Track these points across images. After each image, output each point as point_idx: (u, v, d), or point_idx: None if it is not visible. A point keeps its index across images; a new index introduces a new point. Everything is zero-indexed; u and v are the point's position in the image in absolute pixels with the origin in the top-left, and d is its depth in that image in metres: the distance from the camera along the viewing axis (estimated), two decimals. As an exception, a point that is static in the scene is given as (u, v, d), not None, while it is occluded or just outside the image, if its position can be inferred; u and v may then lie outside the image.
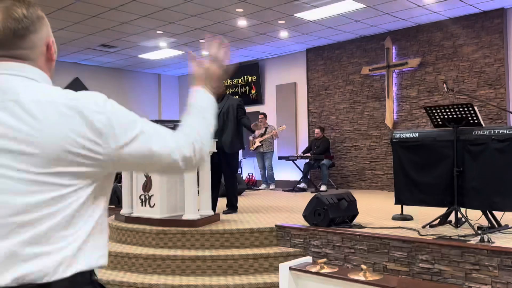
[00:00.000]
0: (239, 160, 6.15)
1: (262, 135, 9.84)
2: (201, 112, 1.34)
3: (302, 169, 9.48)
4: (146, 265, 4.55)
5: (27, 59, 1.19)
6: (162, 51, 10.36)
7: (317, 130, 9.64)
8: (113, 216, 5.69)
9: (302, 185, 9.35)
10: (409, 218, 5.02)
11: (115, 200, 7.33)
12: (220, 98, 5.75)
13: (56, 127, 1.10)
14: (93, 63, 11.53)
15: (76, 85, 11.37)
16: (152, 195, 5.15)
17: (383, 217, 5.24)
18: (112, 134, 1.14)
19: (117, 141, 1.15)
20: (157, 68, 12.29)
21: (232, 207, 5.88)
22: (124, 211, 5.53)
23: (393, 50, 9.16)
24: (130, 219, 5.25)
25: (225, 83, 11.74)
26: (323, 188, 9.01)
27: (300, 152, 10.03)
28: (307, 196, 4.75)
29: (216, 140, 5.33)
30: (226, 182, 5.81)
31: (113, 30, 8.69)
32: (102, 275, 4.47)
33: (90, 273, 1.19)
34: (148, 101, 12.84)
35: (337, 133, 9.95)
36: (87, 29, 8.54)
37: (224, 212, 5.78)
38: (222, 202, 6.01)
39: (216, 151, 5.27)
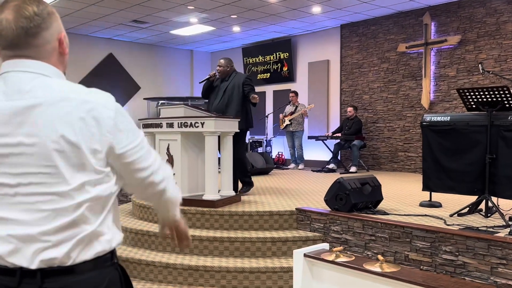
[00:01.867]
0: (246, 139, 5.89)
1: (292, 113, 9.66)
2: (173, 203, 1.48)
3: (332, 150, 9.28)
4: (165, 243, 4.55)
5: (40, 56, 1.20)
6: (193, 27, 10.26)
7: (349, 109, 9.34)
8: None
9: (331, 165, 9.14)
10: (437, 205, 4.80)
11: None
12: (227, 76, 5.59)
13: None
14: (126, 39, 11.57)
15: (110, 61, 11.47)
16: (173, 174, 5.11)
17: (410, 203, 5.04)
18: (117, 136, 1.21)
19: (118, 143, 1.22)
20: (190, 44, 12.21)
21: (246, 184, 5.74)
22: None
23: (432, 27, 8.71)
24: (152, 197, 5.25)
25: (256, 60, 11.58)
26: (353, 169, 8.79)
27: (330, 132, 9.80)
28: (336, 177, 4.60)
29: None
30: (233, 161, 5.61)
31: (144, 6, 8.64)
32: (122, 252, 4.51)
33: (112, 254, 1.26)
34: (181, 77, 12.83)
35: (370, 113, 9.64)
36: (117, 4, 8.52)
37: (241, 191, 5.68)
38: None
39: (238, 130, 5.15)
